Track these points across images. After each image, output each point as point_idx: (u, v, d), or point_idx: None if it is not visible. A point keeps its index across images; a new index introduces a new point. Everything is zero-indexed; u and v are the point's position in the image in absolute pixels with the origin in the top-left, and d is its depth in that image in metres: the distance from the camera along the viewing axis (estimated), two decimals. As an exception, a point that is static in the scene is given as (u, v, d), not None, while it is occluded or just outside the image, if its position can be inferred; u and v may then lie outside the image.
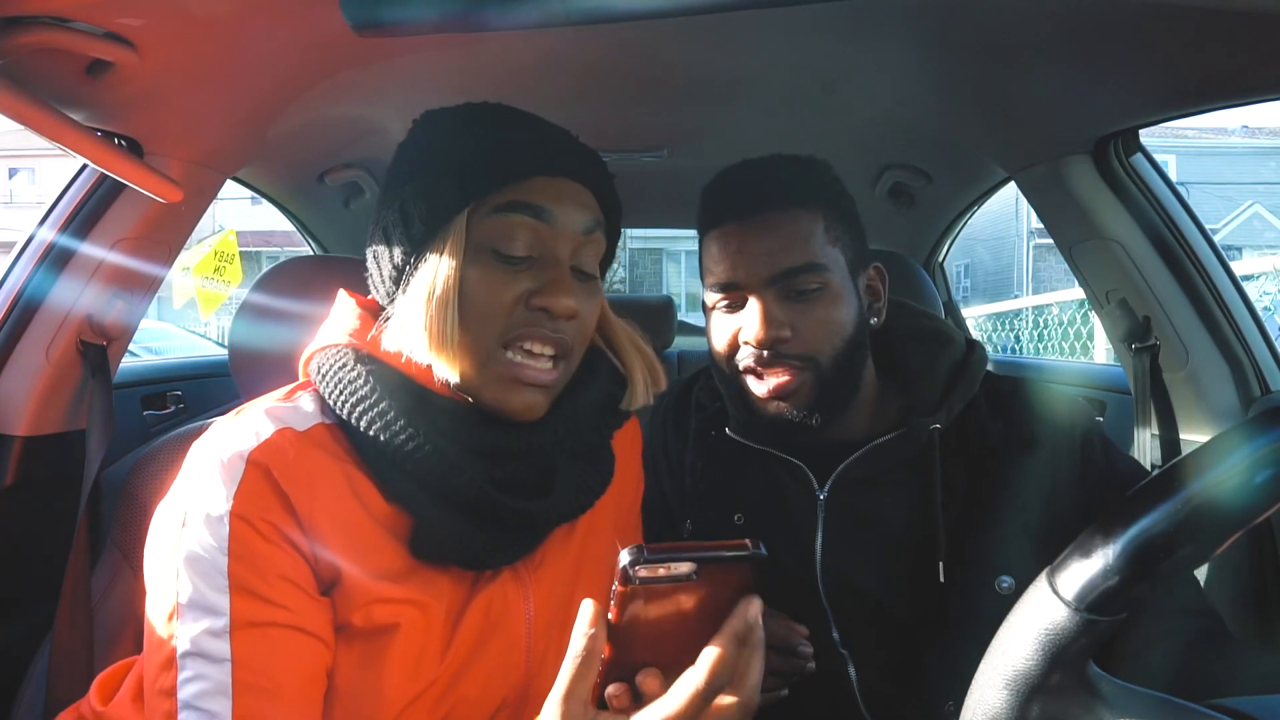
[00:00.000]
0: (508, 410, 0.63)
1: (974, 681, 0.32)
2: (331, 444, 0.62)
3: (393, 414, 0.60)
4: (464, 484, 0.61)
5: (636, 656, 0.52)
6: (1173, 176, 1.23)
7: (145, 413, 1.49)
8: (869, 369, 0.87)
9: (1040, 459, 0.80)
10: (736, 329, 0.82)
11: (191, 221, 1.13)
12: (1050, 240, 1.29)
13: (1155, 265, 1.12)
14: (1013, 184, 1.30)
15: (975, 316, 6.17)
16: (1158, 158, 1.15)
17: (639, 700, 0.51)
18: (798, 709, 0.85)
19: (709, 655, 0.49)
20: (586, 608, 0.50)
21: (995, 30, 0.87)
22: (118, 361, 1.13)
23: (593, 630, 0.51)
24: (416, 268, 0.62)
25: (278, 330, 0.95)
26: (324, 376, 0.63)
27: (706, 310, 0.88)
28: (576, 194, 0.65)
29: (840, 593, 0.84)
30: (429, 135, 0.67)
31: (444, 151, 0.64)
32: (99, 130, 0.89)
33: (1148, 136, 1.11)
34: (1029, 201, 1.26)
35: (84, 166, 1.03)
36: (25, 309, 1.03)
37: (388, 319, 0.64)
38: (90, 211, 1.04)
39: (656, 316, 2.05)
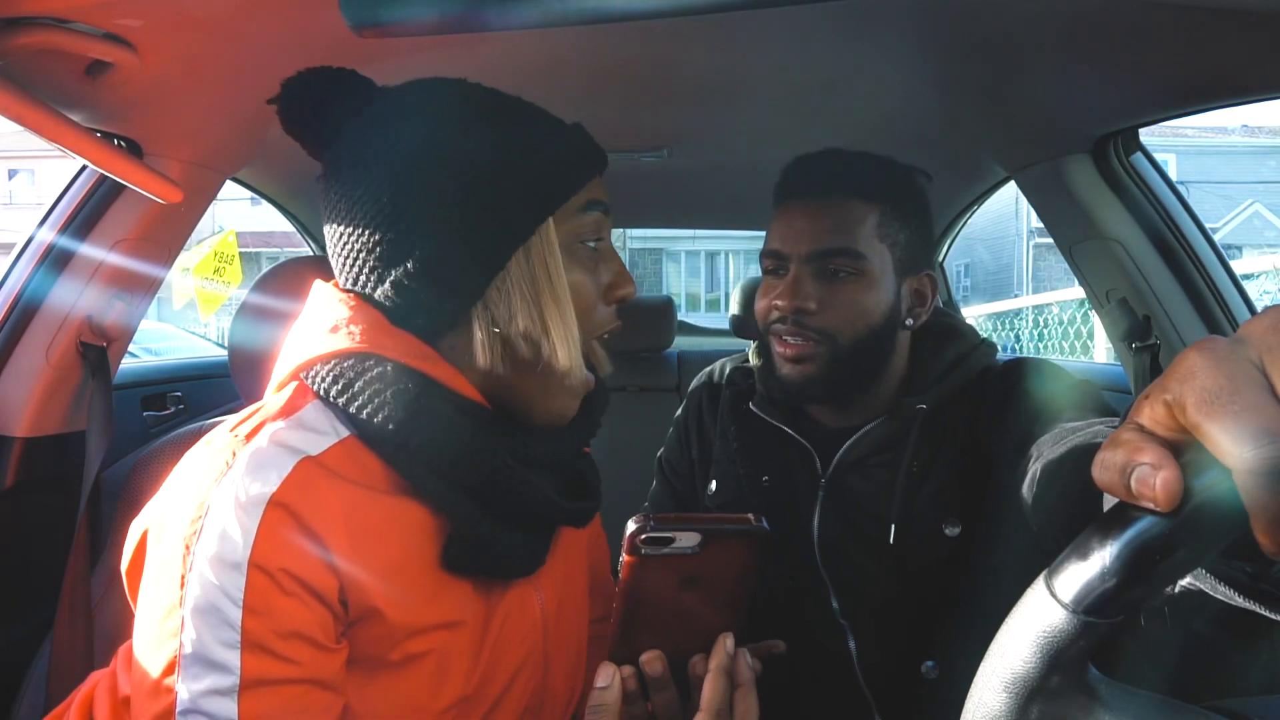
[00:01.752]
0: (566, 416, 0.64)
1: (973, 684, 0.32)
2: (350, 466, 0.57)
3: (455, 429, 0.56)
4: (533, 497, 0.59)
5: (641, 634, 0.53)
6: (1173, 175, 1.23)
7: (145, 413, 1.49)
8: (896, 363, 0.91)
9: (1020, 432, 0.81)
10: (774, 294, 0.88)
11: (191, 222, 1.13)
12: (1050, 239, 1.29)
13: (1155, 264, 1.12)
14: (1013, 184, 1.30)
15: (975, 316, 6.16)
16: (1158, 157, 1.15)
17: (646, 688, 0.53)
18: (799, 679, 0.91)
19: (706, 691, 0.52)
20: (604, 668, 0.52)
21: (995, 30, 0.87)
22: (118, 362, 1.13)
23: (606, 685, 0.52)
24: (525, 282, 0.59)
25: (277, 331, 0.95)
26: (348, 388, 0.57)
27: (762, 271, 0.95)
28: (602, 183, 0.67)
29: (836, 565, 0.90)
30: (465, 139, 0.60)
31: (511, 157, 0.59)
32: (98, 131, 0.89)
33: (1147, 135, 1.11)
34: (1029, 201, 1.26)
35: (83, 167, 1.03)
36: (25, 310, 1.03)
37: (457, 339, 0.60)
38: (90, 212, 1.04)
39: (656, 316, 2.05)
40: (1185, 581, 0.35)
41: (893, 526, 0.85)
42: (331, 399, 0.57)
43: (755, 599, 0.55)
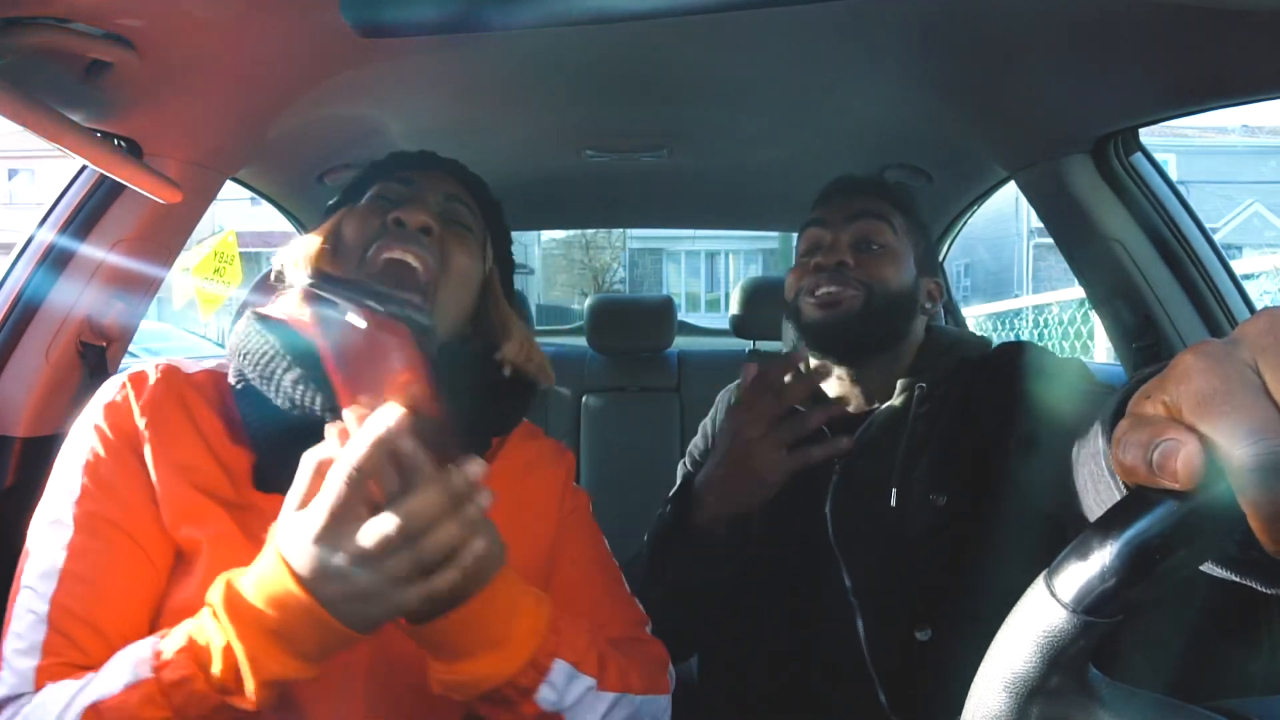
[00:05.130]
0: None
1: (974, 684, 0.32)
2: (209, 386, 0.71)
3: (268, 348, 0.67)
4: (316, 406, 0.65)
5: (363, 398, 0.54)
6: (1173, 175, 1.23)
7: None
8: (908, 349, 0.99)
9: (1007, 409, 0.84)
10: (809, 266, 0.97)
11: (191, 222, 1.13)
12: (1050, 239, 1.29)
13: (1155, 264, 1.12)
14: (1013, 184, 1.30)
15: (975, 316, 6.17)
16: (1158, 157, 1.15)
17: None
18: (808, 656, 0.94)
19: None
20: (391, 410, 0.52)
21: (995, 30, 0.87)
22: (117, 363, 1.13)
23: (389, 430, 0.50)
24: None
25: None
26: (230, 337, 0.72)
27: (796, 256, 1.05)
28: (433, 176, 0.80)
29: (849, 543, 0.93)
30: None
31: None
32: (98, 131, 0.89)
33: (1148, 135, 1.11)
34: (1029, 201, 1.26)
35: (83, 167, 1.03)
36: (25, 310, 1.03)
37: None
38: (90, 212, 1.03)
39: (656, 316, 2.05)
40: None
41: (894, 490, 0.91)
42: None
43: None
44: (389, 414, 0.51)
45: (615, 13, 0.61)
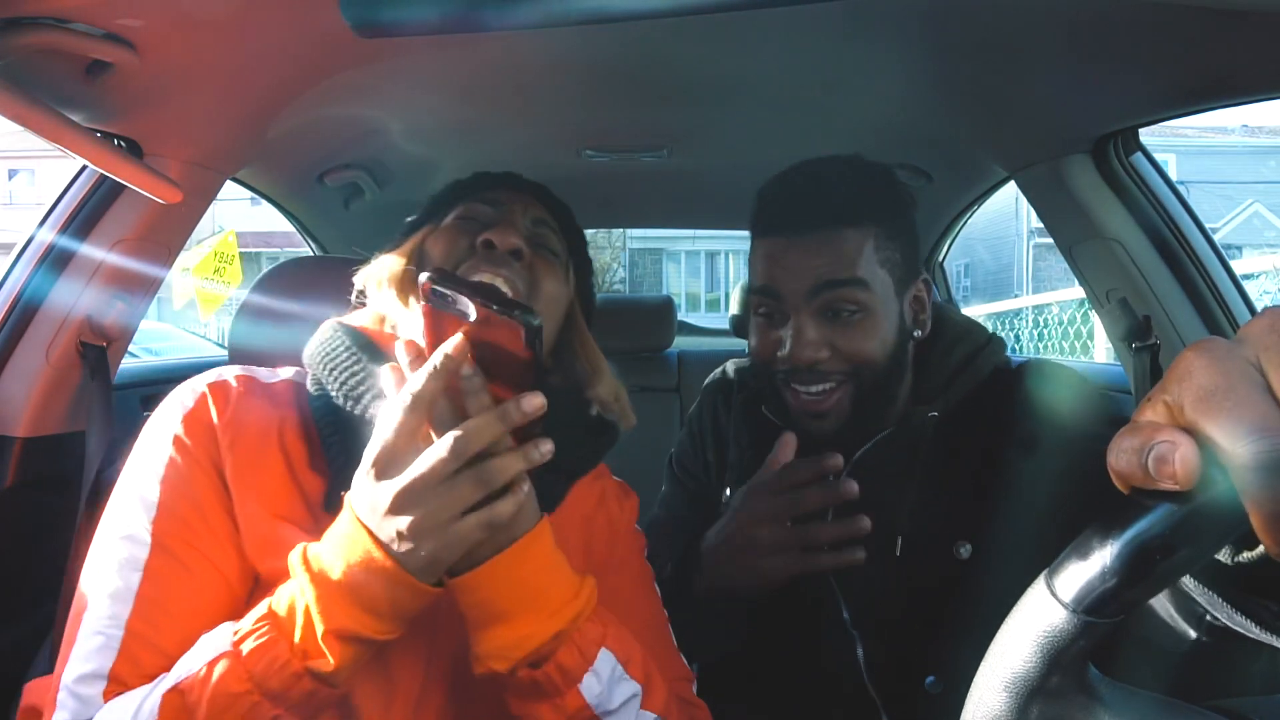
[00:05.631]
0: None
1: (974, 684, 0.32)
2: (289, 400, 0.68)
3: (356, 365, 0.65)
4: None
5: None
6: (1173, 175, 1.23)
7: (145, 413, 1.48)
8: (907, 373, 0.88)
9: (1036, 447, 0.80)
10: (775, 342, 0.83)
11: (191, 222, 1.13)
12: (1050, 240, 1.29)
13: (1155, 264, 1.12)
14: (1013, 184, 1.30)
15: (975, 316, 6.15)
16: (1158, 157, 1.15)
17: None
18: (809, 669, 0.90)
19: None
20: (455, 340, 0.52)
21: (995, 30, 0.87)
22: (117, 362, 1.13)
23: (449, 356, 0.51)
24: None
25: (277, 331, 0.95)
26: (309, 345, 0.70)
27: (751, 309, 0.90)
28: (522, 198, 0.78)
29: (847, 575, 0.86)
30: None
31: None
32: (98, 131, 0.89)
33: (1147, 135, 1.11)
34: (1029, 201, 1.26)
35: (83, 167, 1.03)
36: (25, 310, 1.03)
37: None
38: (90, 212, 1.04)
39: (656, 316, 2.05)
40: (1209, 618, 0.35)
41: (900, 540, 0.83)
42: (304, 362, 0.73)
43: None
44: (449, 344, 0.52)
45: (615, 13, 0.61)
